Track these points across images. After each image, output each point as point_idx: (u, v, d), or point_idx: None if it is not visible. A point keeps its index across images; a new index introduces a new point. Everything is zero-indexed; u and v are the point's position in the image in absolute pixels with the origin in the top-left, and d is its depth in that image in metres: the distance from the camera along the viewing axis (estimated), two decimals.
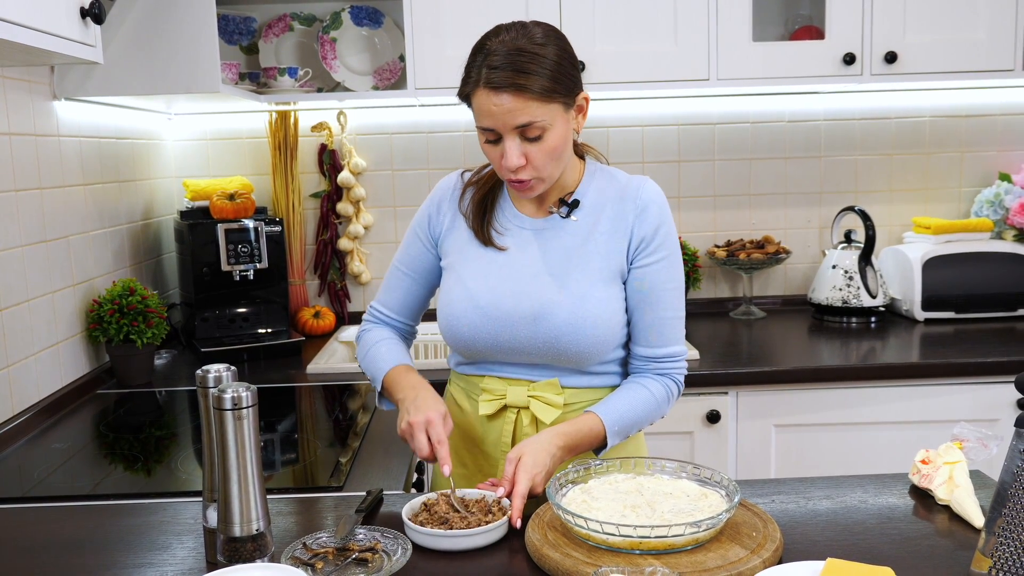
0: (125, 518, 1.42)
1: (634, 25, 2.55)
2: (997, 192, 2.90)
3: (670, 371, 1.56)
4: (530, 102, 1.37)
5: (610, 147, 2.96)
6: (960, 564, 1.17)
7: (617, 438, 1.49)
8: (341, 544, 1.24)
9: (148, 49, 2.16)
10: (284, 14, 2.84)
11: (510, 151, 1.40)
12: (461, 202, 1.60)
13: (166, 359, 2.57)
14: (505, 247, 1.55)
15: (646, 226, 1.51)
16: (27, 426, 1.92)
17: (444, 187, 1.64)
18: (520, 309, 1.50)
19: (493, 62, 1.37)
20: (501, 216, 1.58)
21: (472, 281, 1.54)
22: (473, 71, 1.40)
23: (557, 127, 1.41)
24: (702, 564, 1.14)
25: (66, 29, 1.54)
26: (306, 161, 2.95)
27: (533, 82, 1.36)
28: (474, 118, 1.44)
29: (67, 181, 2.19)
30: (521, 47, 1.37)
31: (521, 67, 1.36)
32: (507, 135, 1.40)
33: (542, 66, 1.37)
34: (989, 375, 2.32)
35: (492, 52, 1.38)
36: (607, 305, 1.50)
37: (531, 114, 1.37)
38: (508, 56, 1.36)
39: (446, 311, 1.56)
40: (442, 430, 1.41)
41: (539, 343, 1.50)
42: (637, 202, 1.52)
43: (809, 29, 2.74)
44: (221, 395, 1.14)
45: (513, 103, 1.36)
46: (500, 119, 1.38)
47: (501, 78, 1.36)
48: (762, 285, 3.06)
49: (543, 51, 1.38)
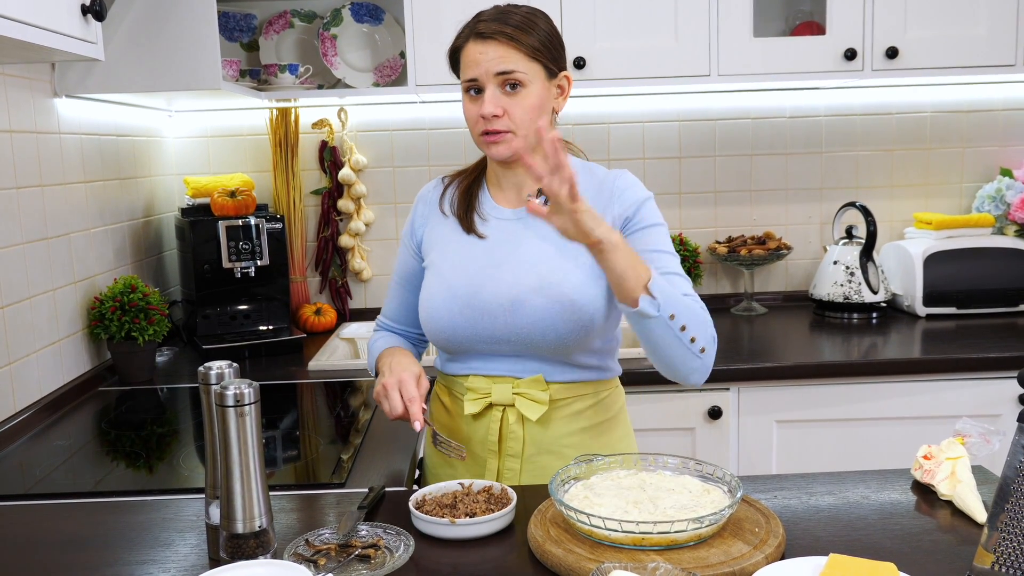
0: (127, 515, 1.42)
1: (634, 21, 2.54)
2: (998, 187, 2.90)
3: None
4: (514, 51, 1.47)
5: (611, 143, 2.96)
6: (963, 559, 1.17)
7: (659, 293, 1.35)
8: (344, 541, 1.24)
9: (149, 46, 2.15)
10: (285, 11, 2.84)
11: (489, 99, 1.47)
12: (442, 201, 1.65)
13: (167, 356, 2.57)
14: (485, 235, 1.57)
15: (625, 205, 1.53)
16: (29, 423, 1.92)
17: (423, 193, 1.71)
18: (498, 297, 1.51)
19: (483, 17, 1.50)
20: (480, 208, 1.61)
21: (450, 273, 1.56)
22: (464, 30, 1.53)
23: (536, 87, 1.49)
24: (705, 560, 1.14)
25: (67, 26, 1.54)
26: (307, 158, 2.95)
27: (519, 35, 1.47)
28: (460, 77, 1.53)
29: (68, 178, 2.19)
30: (512, 9, 1.51)
31: (509, 21, 1.48)
32: (488, 83, 1.48)
33: (530, 26, 1.49)
34: (990, 371, 2.32)
35: (483, 14, 1.52)
36: (587, 291, 1.50)
37: (514, 63, 1.47)
38: (499, 13, 1.50)
39: (426, 305, 1.58)
40: (414, 388, 1.45)
41: (517, 331, 1.51)
42: (614, 190, 1.55)
43: (810, 25, 2.73)
44: (223, 392, 1.13)
45: (498, 50, 1.47)
46: (484, 66, 1.47)
47: (490, 28, 1.47)
48: (763, 281, 3.06)
49: (533, 18, 1.51)
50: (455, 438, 1.61)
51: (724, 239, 3.01)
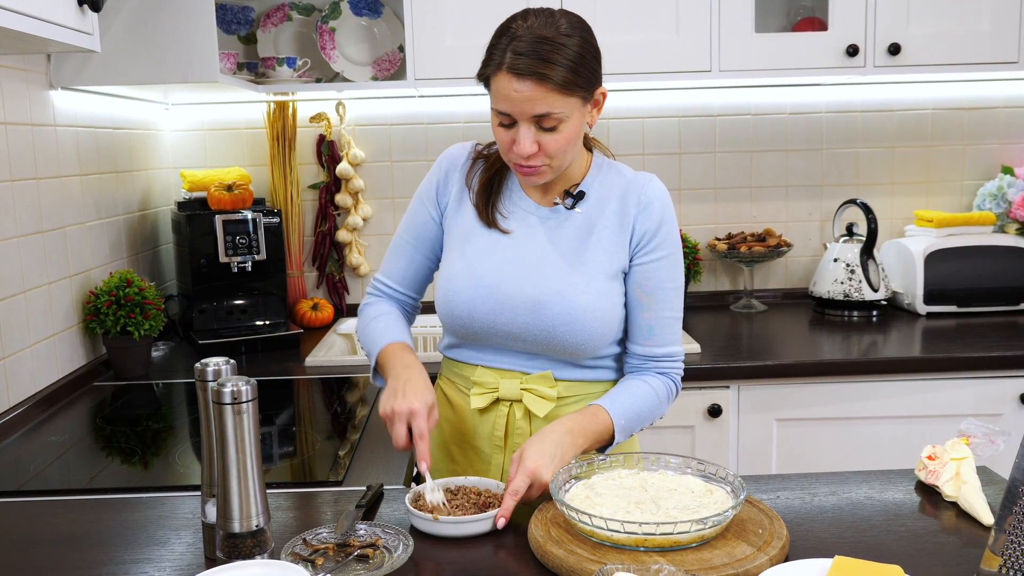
0: (122, 512, 1.40)
1: (635, 15, 2.52)
2: (1000, 185, 2.89)
3: (668, 371, 1.55)
4: (550, 93, 1.36)
5: (611, 139, 2.94)
6: (970, 562, 1.16)
7: (623, 435, 1.47)
8: (341, 540, 1.23)
9: (146, 38, 2.13)
10: (283, 3, 2.81)
11: (523, 138, 1.39)
12: (470, 174, 1.58)
13: (163, 351, 2.55)
14: (510, 230, 1.53)
15: (649, 222, 1.50)
16: (23, 418, 1.90)
17: (455, 155, 1.61)
18: (522, 294, 1.48)
19: (519, 47, 1.35)
20: (508, 199, 1.56)
21: (476, 259, 1.52)
22: (496, 53, 1.39)
23: (573, 120, 1.41)
24: (708, 562, 1.12)
25: (63, 17, 1.52)
26: (304, 152, 2.93)
27: (556, 73, 1.34)
28: (490, 99, 1.43)
29: (63, 171, 2.17)
30: (547, 36, 1.35)
31: (545, 56, 1.34)
32: (523, 122, 1.39)
33: (565, 57, 1.35)
34: (991, 369, 2.31)
35: (518, 37, 1.36)
36: (607, 299, 1.48)
37: (550, 105, 1.36)
38: (534, 43, 1.35)
39: (446, 286, 1.53)
40: (424, 424, 1.39)
41: (536, 331, 1.48)
42: (641, 198, 1.51)
43: (812, 20, 2.72)
44: (221, 389, 1.12)
45: (533, 92, 1.35)
46: (519, 106, 1.37)
47: (525, 65, 1.34)
48: (763, 278, 3.05)
49: (568, 42, 1.36)
50: (459, 432, 1.59)
51: (724, 236, 2.99)
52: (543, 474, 1.31)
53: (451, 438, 1.62)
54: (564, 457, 1.36)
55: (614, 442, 1.47)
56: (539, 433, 1.40)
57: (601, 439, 1.46)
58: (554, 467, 1.33)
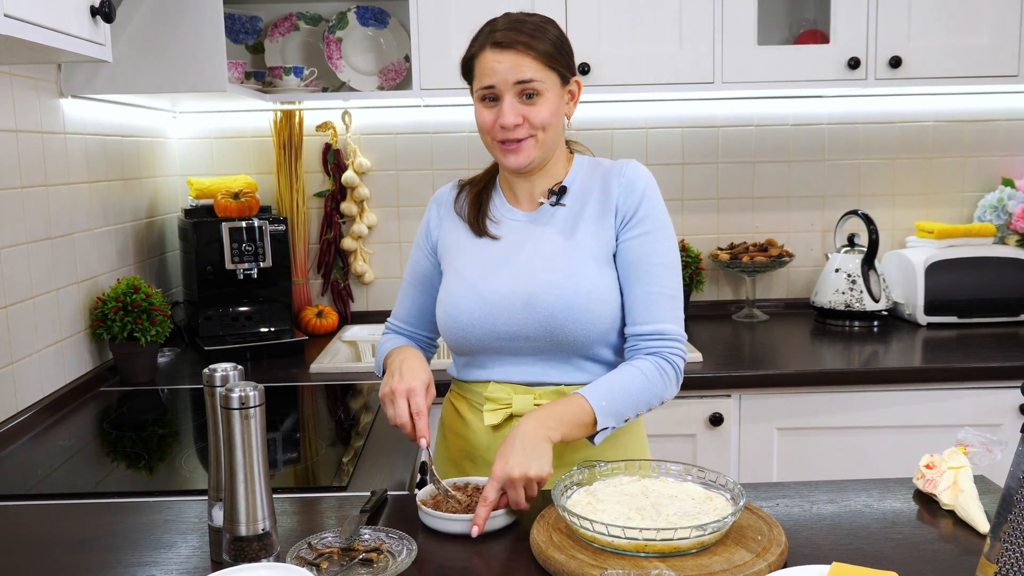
0: (129, 516, 1.42)
1: (639, 27, 2.55)
2: (1000, 197, 2.91)
3: (660, 350, 1.49)
4: (531, 60, 1.47)
5: (614, 149, 2.96)
6: (965, 569, 1.17)
7: (610, 418, 1.43)
8: (346, 544, 1.24)
9: (155, 48, 2.16)
10: (290, 13, 2.84)
11: (507, 108, 1.48)
12: (456, 203, 1.66)
13: (169, 357, 2.57)
14: (499, 236, 1.58)
15: (631, 199, 1.54)
16: (30, 423, 1.92)
17: (442, 194, 1.70)
18: (516, 292, 1.51)
19: (498, 26, 1.50)
20: (494, 210, 1.62)
21: (468, 271, 1.57)
22: (480, 37, 1.52)
23: (552, 96, 1.50)
24: (707, 567, 1.14)
25: (76, 27, 1.54)
26: (310, 160, 2.95)
27: (536, 44, 1.47)
28: (474, 84, 1.53)
29: (72, 178, 2.19)
30: (525, 18, 1.51)
31: (525, 30, 1.48)
32: (506, 92, 1.48)
33: (545, 35, 1.49)
34: (992, 380, 2.32)
35: (497, 23, 1.51)
36: (600, 281, 1.51)
37: (532, 72, 1.47)
38: (513, 22, 1.50)
39: (444, 303, 1.58)
40: (423, 401, 1.43)
41: (536, 325, 1.50)
42: (621, 179, 1.55)
43: (814, 33, 2.74)
44: (228, 394, 1.14)
45: (516, 59, 1.47)
46: (502, 75, 1.47)
47: (507, 37, 1.47)
48: (765, 288, 3.06)
49: (546, 26, 1.52)
50: (473, 448, 1.60)
51: (726, 246, 3.01)
52: (512, 472, 1.29)
53: (463, 456, 1.63)
54: (532, 443, 1.33)
55: (599, 425, 1.43)
56: (508, 435, 1.38)
57: (579, 420, 1.41)
58: (522, 457, 1.31)
